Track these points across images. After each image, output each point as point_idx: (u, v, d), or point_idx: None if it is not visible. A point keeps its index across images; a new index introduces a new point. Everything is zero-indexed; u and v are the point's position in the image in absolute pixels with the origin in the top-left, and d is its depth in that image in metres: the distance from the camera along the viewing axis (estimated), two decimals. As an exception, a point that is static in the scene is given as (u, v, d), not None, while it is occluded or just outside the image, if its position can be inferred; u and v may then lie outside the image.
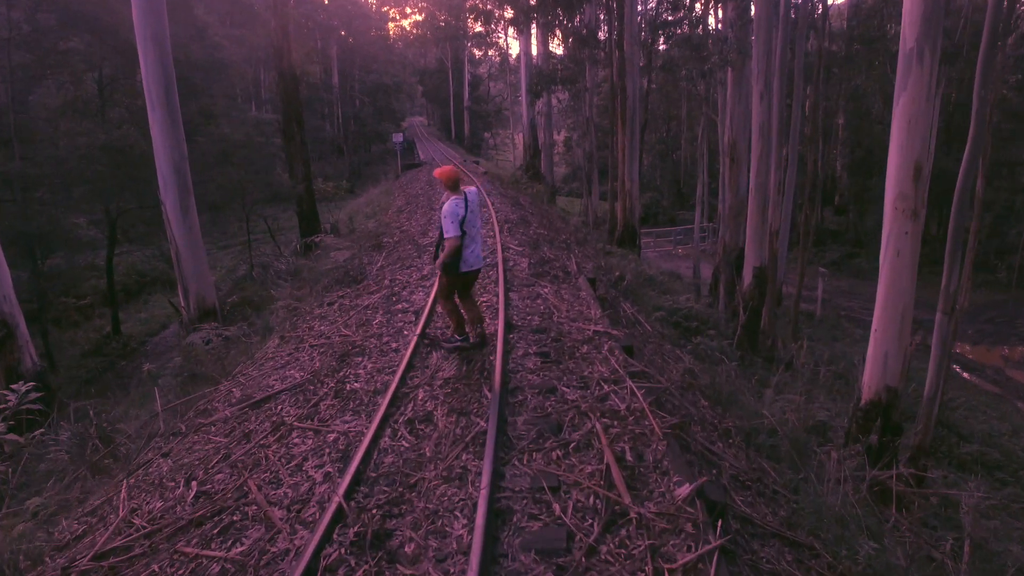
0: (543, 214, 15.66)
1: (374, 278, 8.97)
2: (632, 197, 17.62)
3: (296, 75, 18.74)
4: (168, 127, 8.55)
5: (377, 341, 5.87)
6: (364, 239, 12.63)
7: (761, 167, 9.19)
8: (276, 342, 6.92)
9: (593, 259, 11.77)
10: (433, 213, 13.79)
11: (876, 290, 8.59)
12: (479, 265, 5.32)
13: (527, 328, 5.89)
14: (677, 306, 10.27)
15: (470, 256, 5.16)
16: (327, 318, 7.32)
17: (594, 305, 6.83)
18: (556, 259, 9.41)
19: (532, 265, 8.55)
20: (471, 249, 5.16)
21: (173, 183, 8.70)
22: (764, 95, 8.80)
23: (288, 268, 13.90)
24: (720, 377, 6.92)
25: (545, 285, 7.59)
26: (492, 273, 7.93)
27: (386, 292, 7.66)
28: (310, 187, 19.34)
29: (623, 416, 4.28)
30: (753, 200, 9.35)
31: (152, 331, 20.49)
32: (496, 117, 64.31)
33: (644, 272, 12.70)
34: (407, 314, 6.60)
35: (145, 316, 21.62)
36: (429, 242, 10.38)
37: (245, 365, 6.54)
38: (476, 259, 5.25)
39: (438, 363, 5.10)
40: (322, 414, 4.48)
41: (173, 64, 8.58)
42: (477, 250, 5.24)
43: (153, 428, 5.53)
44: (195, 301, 9.23)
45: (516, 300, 6.86)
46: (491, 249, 9.26)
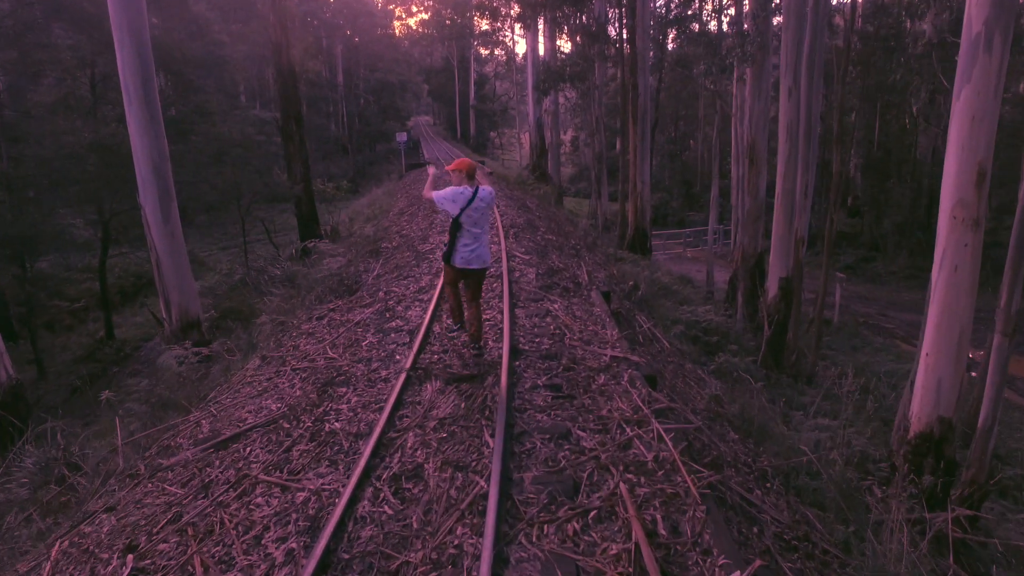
0: (551, 217, 14.95)
1: (369, 288, 8.29)
2: (643, 199, 16.89)
3: (295, 72, 18.10)
4: (146, 124, 7.90)
5: (365, 367, 5.18)
6: (361, 244, 11.96)
7: (788, 170, 8.46)
8: (257, 363, 6.25)
9: (604, 266, 11.06)
10: (435, 216, 13.11)
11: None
12: (478, 265, 4.98)
13: (535, 353, 5.19)
14: (696, 318, 9.55)
15: (468, 253, 4.93)
16: (315, 335, 6.64)
17: (609, 324, 6.12)
18: (566, 268, 8.71)
19: (540, 276, 7.85)
20: (471, 247, 4.92)
21: (152, 185, 8.06)
22: (793, 91, 8.07)
23: (283, 274, 13.25)
24: (749, 404, 6.20)
25: (555, 299, 6.88)
26: (496, 286, 7.24)
27: (379, 307, 6.97)
28: (309, 188, 18.69)
29: (651, 470, 3.57)
30: (779, 206, 8.62)
31: (147, 335, 19.88)
32: (502, 116, 63.67)
33: (658, 280, 11.98)
34: (401, 334, 5.91)
35: (140, 320, 21.04)
36: (429, 248, 9.69)
37: (221, 390, 5.87)
38: (476, 258, 4.95)
39: (432, 398, 4.41)
40: (294, 463, 3.79)
41: (152, 56, 7.94)
42: (480, 251, 4.96)
43: (112, 465, 4.88)
44: (177, 313, 8.58)
45: (523, 318, 6.15)
46: (496, 257, 8.56)
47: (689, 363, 7.79)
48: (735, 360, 8.50)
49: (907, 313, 22.94)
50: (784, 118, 8.23)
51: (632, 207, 16.39)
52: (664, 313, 9.55)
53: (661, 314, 9.48)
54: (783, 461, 5.32)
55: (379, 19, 60.78)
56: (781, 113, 8.29)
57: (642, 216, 16.97)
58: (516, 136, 58.37)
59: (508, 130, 65.98)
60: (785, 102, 8.16)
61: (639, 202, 16.41)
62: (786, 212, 8.60)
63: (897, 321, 21.78)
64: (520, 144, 51.50)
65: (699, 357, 8.63)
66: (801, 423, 7.35)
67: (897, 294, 25.14)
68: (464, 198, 4.81)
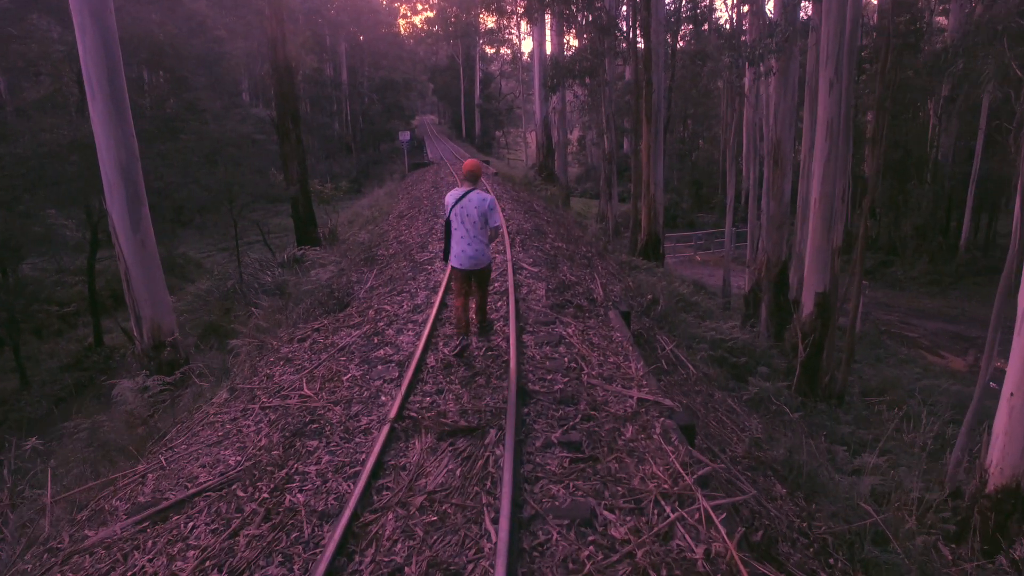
0: (559, 221, 14.07)
1: (360, 304, 7.45)
2: (657, 202, 15.98)
3: (292, 67, 17.29)
4: (113, 121, 7.08)
5: (343, 412, 4.32)
6: (356, 250, 11.13)
7: (828, 173, 7.56)
8: (224, 396, 5.40)
9: (619, 277, 10.18)
10: (435, 221, 12.27)
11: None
12: (468, 266, 5.10)
13: (548, 397, 4.32)
14: (720, 336, 8.66)
15: (459, 253, 5.09)
16: (293, 361, 5.80)
17: (633, 354, 5.25)
18: (578, 281, 7.83)
19: (551, 292, 6.98)
20: (459, 246, 5.08)
21: (120, 189, 7.23)
22: (835, 84, 7.17)
23: (274, 281, 12.46)
24: (795, 447, 5.31)
25: (568, 321, 6.01)
26: (501, 305, 6.37)
27: (368, 328, 6.12)
28: (306, 189, 17.90)
29: (703, 574, 2.71)
30: (817, 213, 7.72)
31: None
32: (507, 115, 62.79)
33: (676, 291, 11.08)
34: (389, 366, 5.05)
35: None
36: (427, 258, 8.84)
37: (180, 429, 5.03)
38: (466, 259, 5.07)
39: (421, 460, 3.55)
40: (238, 556, 2.94)
41: (119, 44, 7.11)
42: (468, 250, 5.06)
43: (37, 530, 4.05)
44: (149, 330, 7.76)
45: (532, 347, 5.29)
46: (501, 271, 7.71)
47: (718, 391, 6.91)
48: (766, 385, 7.61)
49: (930, 321, 21.95)
50: (824, 114, 7.33)
51: (645, 210, 15.49)
52: (686, 330, 8.67)
53: (683, 331, 8.59)
54: (844, 526, 4.43)
55: (383, 16, 60.03)
56: (820, 109, 7.39)
57: (655, 220, 16.07)
58: (522, 135, 57.50)
59: (513, 129, 65.12)
60: (825, 97, 7.27)
61: (652, 205, 15.51)
62: (824, 220, 7.71)
63: (920, 330, 20.80)
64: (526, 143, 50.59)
65: (727, 382, 7.75)
66: (847, 462, 6.47)
67: (918, 300, 24.14)
68: (454, 198, 5.08)
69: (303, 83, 48.47)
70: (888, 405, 11.26)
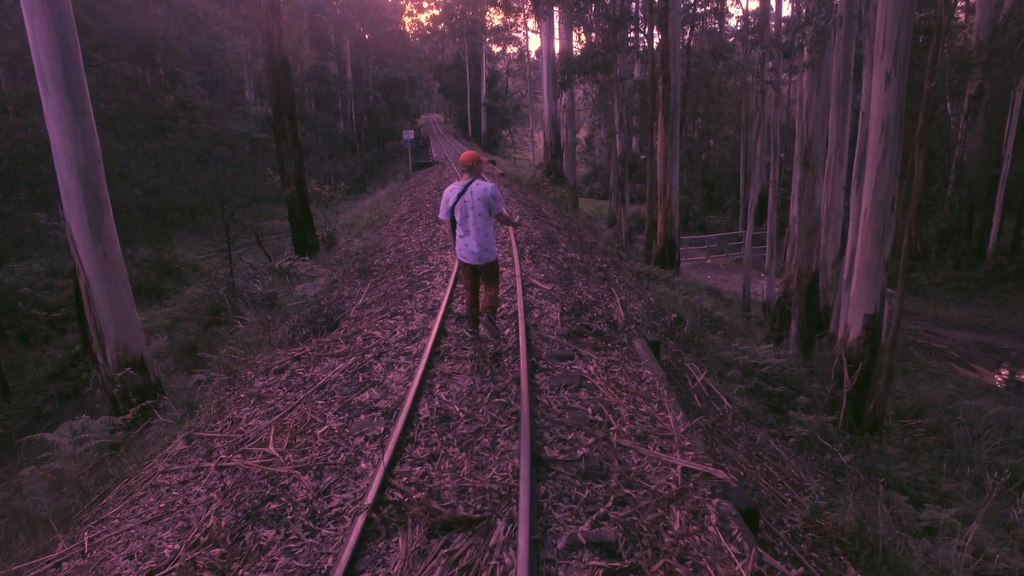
0: (570, 227, 13.16)
1: (349, 326, 6.58)
2: (672, 206, 15.05)
3: (288, 62, 16.44)
4: (69, 118, 6.22)
5: (313, 483, 3.44)
6: (352, 259, 10.26)
7: (882, 179, 6.63)
8: (179, 447, 4.54)
9: (637, 291, 9.26)
10: (437, 226, 11.39)
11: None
12: (474, 261, 5.05)
13: (570, 467, 3.42)
14: (753, 360, 7.73)
15: (463, 247, 5.05)
16: (265, 401, 4.93)
17: (669, 401, 4.34)
18: (596, 301, 6.93)
19: (566, 315, 6.07)
20: (463, 240, 5.03)
21: (78, 195, 6.38)
22: (892, 77, 6.25)
23: (264, 291, 11.62)
24: (867, 515, 4.40)
25: (588, 354, 5.11)
26: (510, 333, 5.47)
27: (354, 361, 5.24)
28: (303, 190, 17.04)
29: None
30: (868, 224, 6.78)
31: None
32: (514, 114, 61.91)
33: (699, 305, 10.16)
34: (373, 417, 4.16)
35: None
36: (426, 272, 7.95)
37: (120, 491, 4.17)
38: (469, 254, 5.03)
39: (405, 570, 2.66)
40: None
41: (76, 30, 6.25)
42: (471, 245, 5.00)
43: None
44: (114, 353, 6.91)
45: (547, 391, 4.39)
46: (509, 288, 6.81)
47: (759, 430, 5.99)
48: (808, 419, 6.68)
49: (958, 331, 20.89)
50: (879, 112, 6.41)
51: (662, 215, 14.55)
52: (715, 353, 7.75)
53: (711, 355, 7.68)
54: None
55: (388, 13, 59.27)
56: (874, 106, 6.47)
57: (671, 225, 15.14)
58: (529, 134, 56.65)
59: (520, 128, 64.25)
60: (880, 92, 6.34)
61: (668, 210, 14.57)
62: (876, 232, 6.78)
63: (949, 340, 19.74)
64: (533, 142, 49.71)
65: (765, 415, 6.83)
66: (912, 518, 5.55)
67: (944, 308, 23.06)
68: (454, 193, 4.97)
69: (307, 81, 47.76)
70: (928, 429, 10.30)
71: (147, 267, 20.56)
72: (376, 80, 54.79)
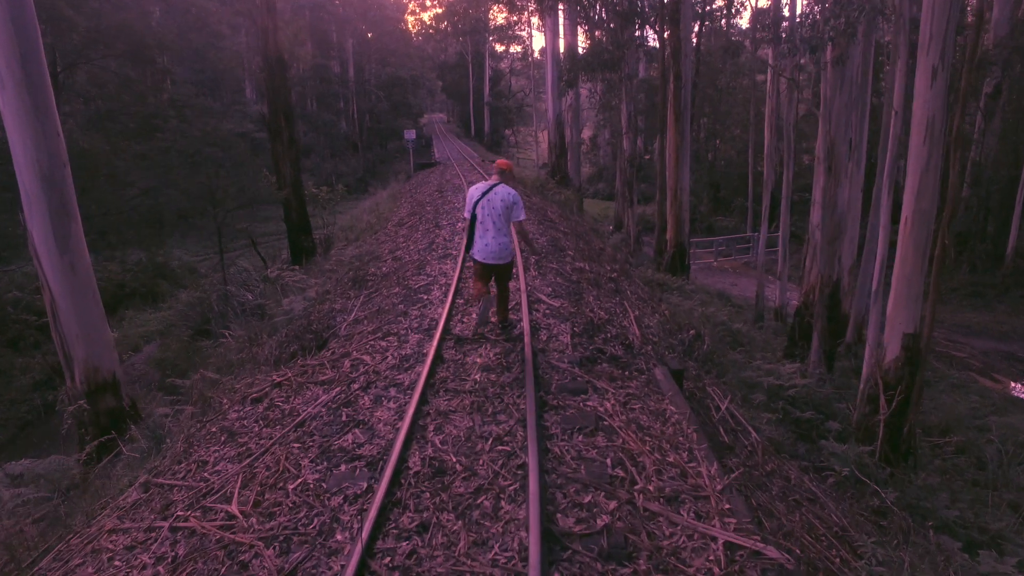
0: (577, 232, 12.54)
1: (338, 345, 5.99)
2: (683, 209, 14.42)
3: (284, 59, 15.87)
4: (29, 115, 5.64)
5: (278, 561, 2.84)
6: (346, 267, 9.68)
7: (925, 185, 6.01)
8: (135, 495, 3.95)
9: (650, 303, 8.65)
10: (437, 232, 10.81)
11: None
12: (490, 260, 5.12)
13: (588, 544, 2.81)
14: (778, 382, 7.11)
15: (483, 247, 5.09)
16: (237, 439, 4.34)
17: (699, 447, 3.73)
18: (609, 318, 6.32)
19: (577, 337, 5.47)
20: (483, 240, 5.10)
21: (41, 201, 5.81)
22: (939, 73, 5.63)
23: (255, 299, 11.05)
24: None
25: (603, 387, 4.50)
26: (516, 361, 4.87)
27: (339, 392, 4.64)
28: (300, 192, 16.48)
29: None
30: (909, 236, 6.17)
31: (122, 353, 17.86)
32: (517, 113, 61.28)
33: (716, 318, 9.54)
34: (356, 467, 3.56)
35: (117, 336, 18.95)
36: (424, 284, 7.35)
37: (54, 559, 3.58)
38: (488, 253, 5.09)
39: None
40: None
41: (36, 19, 5.67)
42: (491, 244, 5.09)
43: None
44: (83, 373, 6.34)
45: (558, 435, 3.78)
46: (514, 304, 6.21)
47: (793, 467, 5.38)
48: (843, 450, 6.06)
49: (977, 339, 20.20)
50: (923, 111, 5.79)
51: (672, 220, 13.92)
52: (736, 374, 7.14)
53: (733, 375, 7.06)
54: None
55: (391, 12, 58.66)
56: (917, 105, 5.86)
57: (681, 229, 14.51)
58: (532, 134, 56.07)
59: (523, 128, 63.66)
60: (926, 89, 5.72)
61: (679, 213, 13.94)
62: (918, 242, 6.17)
63: (968, 349, 19.05)
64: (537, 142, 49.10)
65: (795, 446, 6.21)
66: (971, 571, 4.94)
67: (961, 314, 22.37)
68: (479, 191, 5.09)
69: (309, 80, 47.23)
70: (957, 448, 9.66)
71: (139, 270, 20.02)
72: (378, 79, 54.26)
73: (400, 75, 53.30)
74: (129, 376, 15.70)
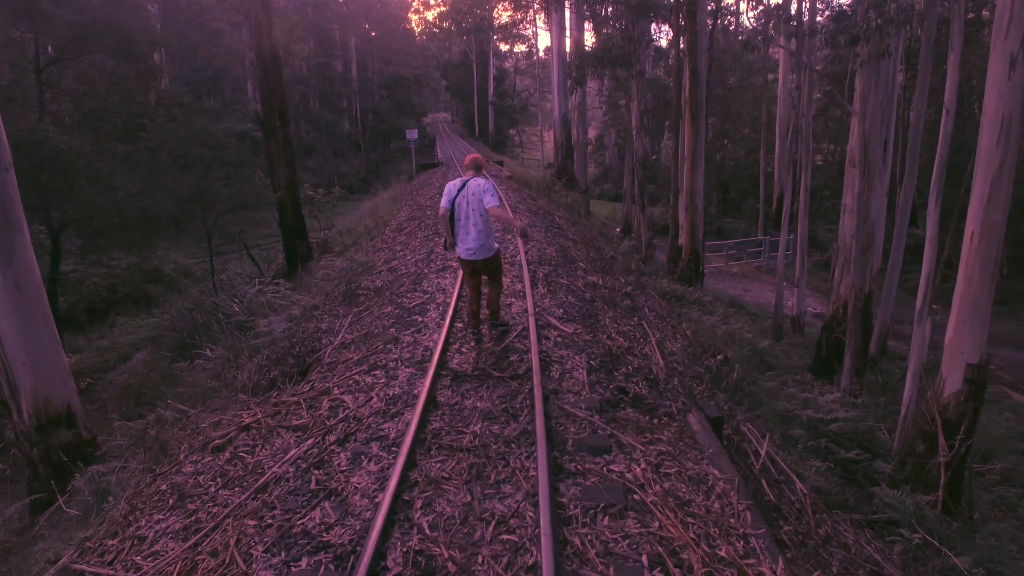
0: (586, 239, 11.74)
1: (317, 378, 5.23)
2: (699, 214, 13.61)
3: (279, 56, 15.12)
4: (-36, 116, 4.93)
5: None
6: (336, 280, 8.92)
7: (998, 193, 5.21)
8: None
9: (670, 321, 7.85)
10: (436, 239, 10.04)
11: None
12: (474, 256, 4.99)
13: None
14: (818, 415, 6.31)
15: (463, 248, 5.01)
16: (186, 503, 3.58)
17: (758, 536, 2.94)
18: (629, 346, 5.53)
19: (595, 372, 4.69)
20: (464, 240, 5.00)
21: (-21, 211, 5.08)
22: (1018, 62, 4.82)
23: (242, 311, 10.29)
24: None
25: (629, 441, 3.72)
26: (523, 410, 4.08)
27: (312, 445, 3.87)
28: (295, 194, 15.74)
29: None
30: (977, 250, 5.36)
31: (110, 363, 17.13)
32: (522, 113, 60.48)
33: (738, 335, 8.75)
34: (319, 562, 2.79)
35: (106, 343, 18.27)
36: (419, 303, 6.58)
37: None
38: (468, 251, 4.98)
39: None
40: None
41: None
42: (468, 241, 4.98)
43: None
44: (31, 404, 5.59)
45: (578, 522, 2.98)
46: (521, 327, 5.42)
47: (848, 528, 4.58)
48: (898, 498, 5.25)
49: (1004, 348, 19.26)
50: (997, 107, 4.96)
51: (687, 226, 13.10)
52: (771, 406, 6.34)
53: (768, 407, 6.27)
54: None
55: (394, 10, 57.99)
56: (991, 101, 5.01)
57: (695, 235, 13.70)
58: (538, 133, 55.26)
59: (528, 128, 62.87)
60: (1001, 81, 4.89)
61: (694, 219, 13.13)
62: (986, 260, 5.36)
63: (996, 360, 18.08)
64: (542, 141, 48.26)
65: (844, 493, 5.41)
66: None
67: (984, 322, 21.43)
68: (455, 187, 5.01)
69: (312, 79, 46.57)
70: (1002, 476, 8.82)
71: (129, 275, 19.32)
72: (381, 78, 53.53)
73: (403, 74, 52.54)
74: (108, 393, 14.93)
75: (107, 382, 16.30)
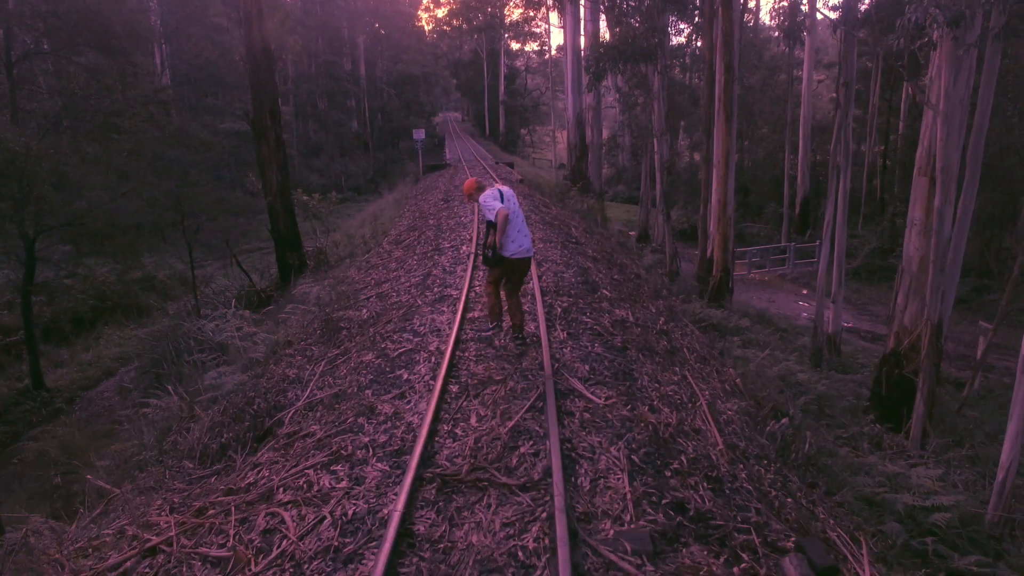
0: (608, 257, 10.37)
1: (265, 459, 3.95)
2: (730, 225, 12.21)
3: (270, 50, 13.91)
4: None
5: None
6: (318, 308, 7.63)
7: None
8: None
9: (714, 364, 6.48)
10: (439, 255, 8.75)
11: None
12: (527, 255, 5.07)
13: None
14: (914, 500, 4.91)
15: (518, 247, 5.00)
16: None
17: None
18: (679, 418, 4.18)
19: (638, 475, 3.35)
20: (517, 238, 5.01)
21: None
22: None
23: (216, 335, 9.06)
24: None
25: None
26: (541, 550, 2.76)
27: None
28: (288, 200, 14.52)
29: None
30: None
31: (92, 379, 16.03)
32: (533, 112, 59.19)
33: (791, 377, 7.36)
34: None
35: (90, 357, 17.17)
36: (409, 348, 5.27)
37: None
38: (525, 250, 5.04)
39: None
40: None
41: None
42: (526, 241, 5.06)
43: None
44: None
45: None
46: (538, 394, 4.10)
47: None
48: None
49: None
50: None
51: (719, 238, 11.72)
52: (852, 486, 4.96)
53: (849, 489, 4.89)
54: None
55: (404, 7, 56.89)
56: None
57: (727, 248, 12.30)
58: (549, 133, 53.94)
59: (539, 127, 61.54)
60: None
61: (726, 232, 11.74)
62: None
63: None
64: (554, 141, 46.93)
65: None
66: None
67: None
68: (494, 197, 5.02)
69: (319, 77, 45.54)
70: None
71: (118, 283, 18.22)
72: (390, 77, 52.48)
73: (413, 72, 51.39)
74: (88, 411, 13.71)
75: (86, 401, 15.23)
